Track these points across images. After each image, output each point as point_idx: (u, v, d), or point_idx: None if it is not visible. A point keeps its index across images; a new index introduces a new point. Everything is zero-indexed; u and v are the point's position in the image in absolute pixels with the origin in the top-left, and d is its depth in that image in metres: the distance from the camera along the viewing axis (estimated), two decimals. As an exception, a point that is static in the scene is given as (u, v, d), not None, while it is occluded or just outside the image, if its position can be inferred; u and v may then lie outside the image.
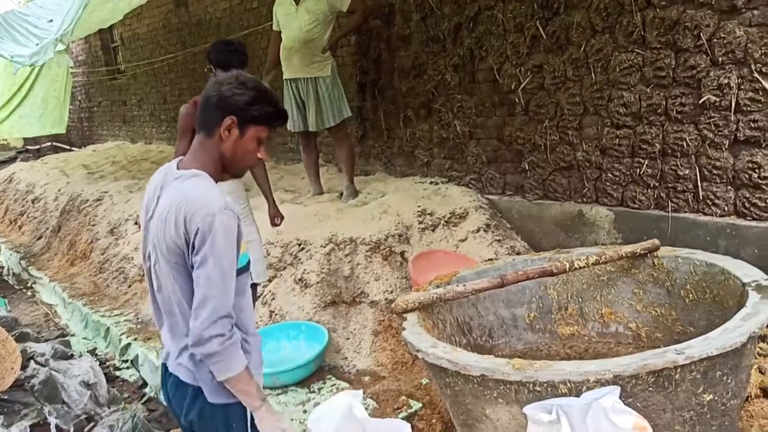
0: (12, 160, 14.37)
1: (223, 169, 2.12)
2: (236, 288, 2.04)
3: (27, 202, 9.42)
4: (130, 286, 5.92)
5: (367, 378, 4.08)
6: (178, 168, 2.10)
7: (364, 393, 3.72)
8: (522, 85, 4.88)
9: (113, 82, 12.91)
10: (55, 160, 11.31)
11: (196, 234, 1.93)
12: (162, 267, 2.05)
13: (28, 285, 7.36)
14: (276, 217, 4.46)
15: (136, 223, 6.52)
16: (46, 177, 9.68)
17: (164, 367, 2.21)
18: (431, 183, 5.80)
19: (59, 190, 8.72)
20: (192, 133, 4.07)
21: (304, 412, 3.65)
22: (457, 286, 3.14)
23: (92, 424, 3.42)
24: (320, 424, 2.40)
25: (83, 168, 9.77)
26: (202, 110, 2.08)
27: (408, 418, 3.46)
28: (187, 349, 2.05)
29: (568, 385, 2.27)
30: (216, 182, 2.08)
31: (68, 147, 14.59)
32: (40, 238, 8.33)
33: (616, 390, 2.20)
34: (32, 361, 3.67)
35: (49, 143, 15.30)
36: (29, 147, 15.72)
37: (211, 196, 1.97)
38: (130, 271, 6.04)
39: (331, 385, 3.93)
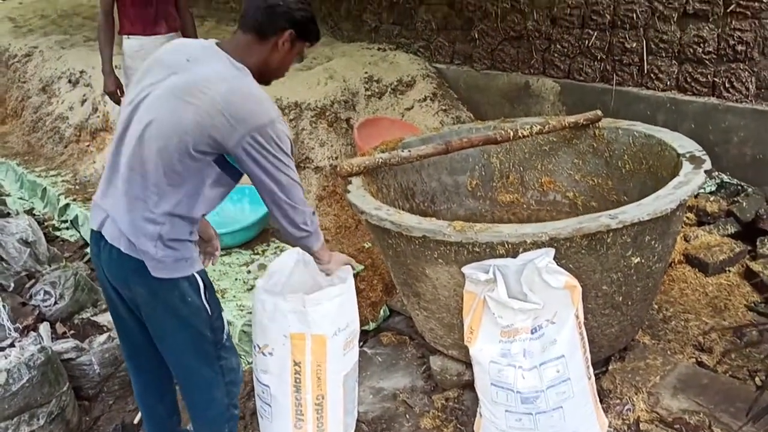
0: (-71, 10, 13.29)
1: (259, 76, 2.07)
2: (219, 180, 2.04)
3: (-52, 56, 8.82)
4: (66, 147, 5.73)
5: (310, 241, 4.14)
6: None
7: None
8: (476, -52, 4.71)
9: (37, -74, 11.86)
10: (-24, 12, 10.51)
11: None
12: (158, 142, 1.94)
13: (-44, 144, 7.05)
14: None
15: (69, 81, 6.22)
16: (-33, 30, 9.03)
17: (99, 235, 2.09)
18: (379, 49, 5.67)
19: (-17, 44, 8.17)
20: None
21: (248, 272, 3.72)
22: (403, 151, 3.14)
23: (33, 280, 3.40)
24: (272, 279, 2.46)
25: (9, 21, 9.09)
26: (258, 12, 2.03)
27: (350, 279, 3.56)
28: (142, 225, 1.99)
29: (506, 246, 2.35)
30: None
31: (-9, -2, 13.54)
32: (-35, 95, 7.89)
33: (551, 251, 2.30)
34: (-34, 219, 3.59)
35: (-31, -7, 14.16)
36: (-53, -3, 14.53)
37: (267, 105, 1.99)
38: (66, 131, 5.82)
39: (275, 247, 3.99)
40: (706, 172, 2.62)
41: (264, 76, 2.11)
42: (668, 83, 3.97)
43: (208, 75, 1.97)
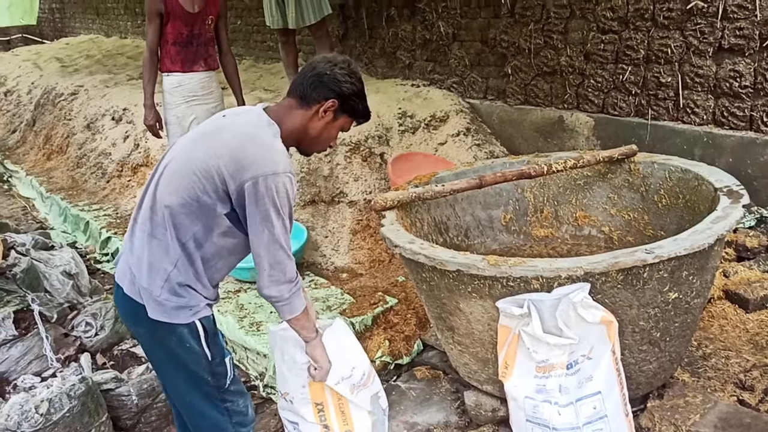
0: (-19, 51, 13.88)
1: (298, 143, 2.12)
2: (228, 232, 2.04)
3: (-1, 94, 9.20)
4: (108, 182, 5.89)
5: (344, 275, 4.18)
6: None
7: (341, 289, 3.83)
8: (509, -14, 4.78)
9: (85, -29, 12.38)
10: (26, 53, 10.96)
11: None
12: (171, 180, 2.01)
13: (4, 178, 7.29)
14: None
15: (113, 119, 6.42)
16: (18, 69, 9.42)
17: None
18: (413, 85, 5.74)
19: (33, 83, 8.50)
20: (160, 18, 4.04)
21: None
22: (436, 185, 3.17)
23: (75, 312, 3.48)
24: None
25: (57, 61, 9.48)
26: (305, 80, 2.07)
27: (384, 313, 3.57)
28: (155, 263, 2.02)
29: (540, 280, 2.34)
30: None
31: (39, 39, 14.09)
32: (14, 131, 8.19)
33: (586, 286, 2.29)
34: (13, 251, 3.69)
35: (20, 35, 14.77)
36: (-2, 38, 15.18)
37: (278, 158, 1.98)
38: (108, 167, 6.00)
39: (310, 281, 4.02)
40: (744, 206, 2.59)
41: (303, 143, 2.14)
42: (705, 117, 3.94)
43: (233, 123, 2.07)
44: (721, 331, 3.11)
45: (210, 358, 2.11)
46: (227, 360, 2.19)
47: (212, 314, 2.16)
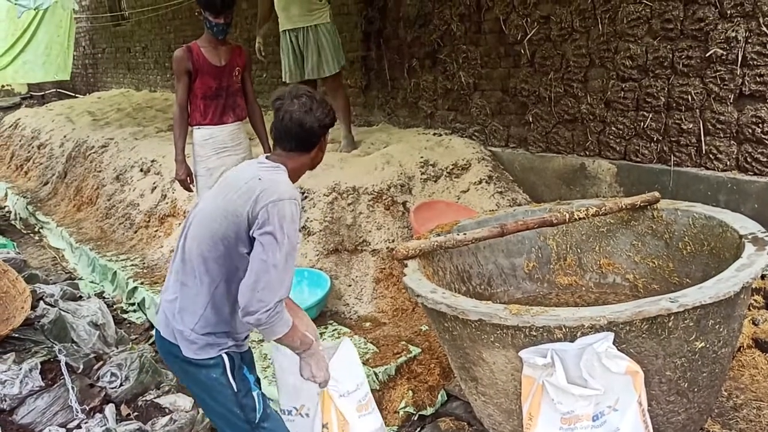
0: (17, 105, 14.35)
1: (304, 171, 2.39)
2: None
3: (33, 147, 9.45)
4: (136, 232, 5.99)
5: (367, 324, 4.17)
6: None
7: (365, 338, 3.82)
8: (528, 36, 4.85)
9: (117, 28, 12.79)
10: (60, 107, 11.28)
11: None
12: (197, 231, 2.24)
13: (36, 230, 7.45)
14: None
15: (141, 170, 6.56)
16: (51, 123, 9.68)
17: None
18: (434, 134, 5.80)
19: (65, 137, 8.73)
20: (188, 76, 4.16)
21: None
22: (458, 234, 3.18)
23: (101, 362, 3.51)
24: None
25: (88, 115, 9.76)
26: (298, 136, 2.26)
27: (407, 363, 3.55)
28: (186, 308, 2.24)
29: (564, 330, 2.32)
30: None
31: (72, 94, 14.53)
32: (46, 183, 8.38)
33: (610, 336, 2.26)
34: (42, 302, 3.76)
35: (54, 89, 15.25)
36: (33, 93, 15.68)
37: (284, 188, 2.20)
38: (136, 217, 6.10)
39: (333, 330, 4.02)
40: (769, 253, 2.56)
41: (312, 169, 2.43)
42: (728, 163, 3.93)
43: (244, 173, 2.28)
44: (752, 380, 3.04)
45: (236, 389, 2.27)
46: (254, 394, 2.32)
47: (239, 352, 2.33)
